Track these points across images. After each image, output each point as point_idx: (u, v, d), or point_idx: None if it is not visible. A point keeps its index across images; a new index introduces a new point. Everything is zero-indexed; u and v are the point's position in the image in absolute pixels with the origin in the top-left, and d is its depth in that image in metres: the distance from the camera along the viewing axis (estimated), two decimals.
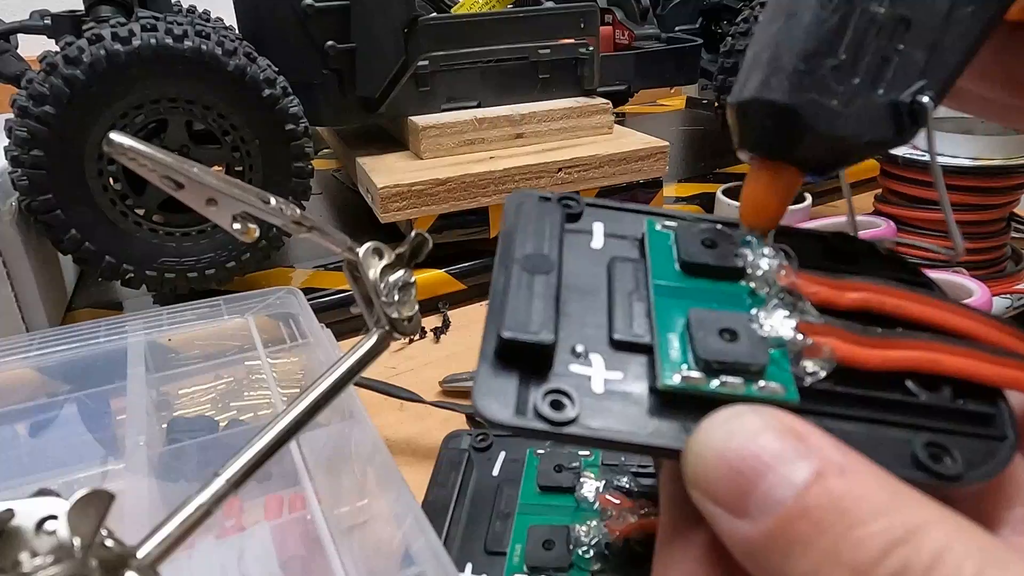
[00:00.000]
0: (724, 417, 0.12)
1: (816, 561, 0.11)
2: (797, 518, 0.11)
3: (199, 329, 0.35)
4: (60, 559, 0.12)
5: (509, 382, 0.14)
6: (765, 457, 0.12)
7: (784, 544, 0.11)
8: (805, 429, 0.12)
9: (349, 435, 0.26)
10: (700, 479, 0.12)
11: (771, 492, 0.11)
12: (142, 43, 0.40)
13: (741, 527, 0.12)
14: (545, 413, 0.13)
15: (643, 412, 0.13)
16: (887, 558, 0.10)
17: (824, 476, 0.11)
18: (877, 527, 0.10)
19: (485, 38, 0.55)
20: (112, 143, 0.14)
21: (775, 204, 0.16)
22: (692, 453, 0.12)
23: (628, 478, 0.26)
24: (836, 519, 0.11)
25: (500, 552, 0.25)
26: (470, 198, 0.52)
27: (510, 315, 0.14)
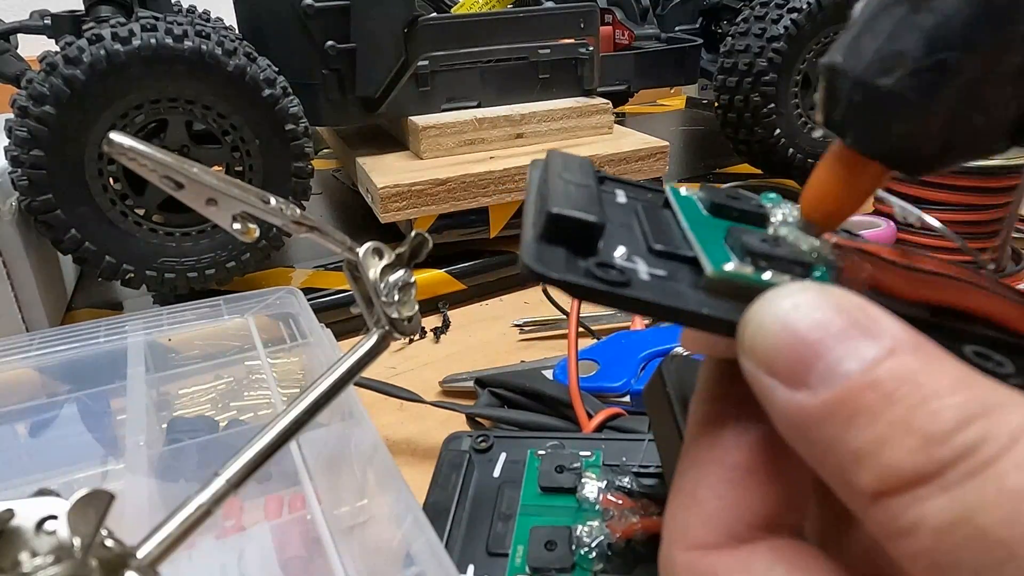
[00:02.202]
0: (791, 289, 0.12)
1: (882, 431, 0.10)
2: (865, 389, 0.10)
3: (199, 329, 0.35)
4: (60, 559, 0.12)
5: (557, 254, 0.13)
6: (833, 329, 0.11)
7: (847, 414, 0.10)
8: (875, 309, 0.11)
9: (349, 435, 0.26)
10: (758, 347, 0.12)
11: (837, 363, 0.11)
12: (142, 43, 0.40)
13: (799, 398, 0.11)
14: (600, 275, 0.12)
15: (694, 295, 0.13)
16: (966, 428, 0.10)
17: (896, 352, 0.11)
18: (955, 400, 0.10)
19: (485, 38, 0.55)
20: (112, 143, 0.14)
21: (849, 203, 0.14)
22: (753, 322, 0.12)
23: (630, 478, 0.26)
24: (910, 391, 0.10)
25: (502, 553, 0.25)
26: (470, 198, 0.52)
27: (557, 196, 0.14)
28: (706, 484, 0.13)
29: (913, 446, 0.10)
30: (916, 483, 0.10)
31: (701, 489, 0.13)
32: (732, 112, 0.64)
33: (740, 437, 0.13)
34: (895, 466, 0.10)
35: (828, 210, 0.14)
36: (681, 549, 0.13)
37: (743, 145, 0.66)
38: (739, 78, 0.61)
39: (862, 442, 0.10)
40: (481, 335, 0.48)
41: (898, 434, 0.10)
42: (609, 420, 0.32)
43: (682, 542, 0.13)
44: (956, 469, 0.10)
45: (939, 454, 0.10)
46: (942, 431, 0.10)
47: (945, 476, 0.10)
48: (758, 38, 0.60)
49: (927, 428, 0.10)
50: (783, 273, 0.13)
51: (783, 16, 0.59)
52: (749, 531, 0.12)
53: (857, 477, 0.10)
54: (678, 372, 0.20)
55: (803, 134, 0.63)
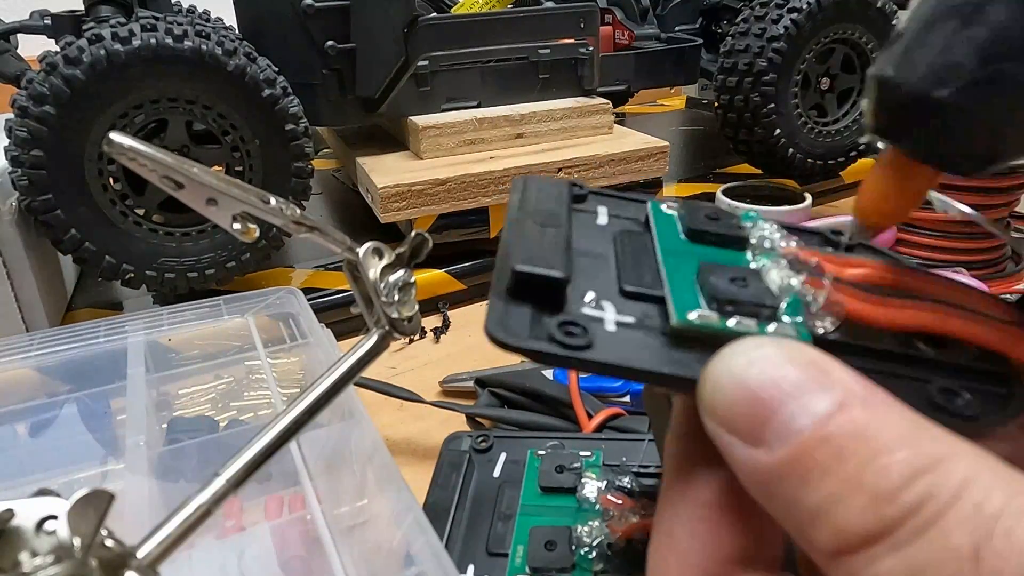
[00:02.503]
0: (744, 346, 0.12)
1: (835, 488, 0.10)
2: (817, 446, 0.11)
3: (199, 329, 0.35)
4: (60, 559, 0.12)
5: (522, 314, 0.13)
6: (785, 386, 0.11)
7: (801, 472, 0.11)
8: (827, 361, 0.12)
9: (349, 435, 0.26)
10: (716, 406, 0.12)
11: (790, 421, 0.11)
12: (142, 43, 0.40)
13: (757, 456, 0.11)
14: (560, 339, 0.13)
15: (657, 348, 0.13)
16: (912, 484, 0.10)
17: (847, 406, 0.11)
18: (902, 455, 0.10)
19: (485, 38, 0.55)
20: (112, 143, 0.14)
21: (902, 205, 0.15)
22: (709, 380, 0.12)
23: (630, 478, 0.26)
24: (858, 447, 0.10)
25: (502, 553, 0.25)
26: (470, 198, 0.52)
27: (523, 251, 0.14)
28: (679, 523, 0.13)
29: (863, 505, 0.10)
30: (868, 542, 0.10)
31: (676, 528, 0.13)
32: (732, 112, 0.64)
33: (711, 475, 0.13)
34: (848, 526, 0.10)
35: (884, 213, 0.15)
36: None
37: (743, 145, 0.66)
38: (739, 78, 0.61)
39: (817, 500, 0.10)
40: (481, 335, 0.48)
41: (849, 492, 0.10)
42: (609, 420, 0.32)
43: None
44: (904, 527, 0.10)
45: (888, 512, 0.10)
46: (890, 489, 0.10)
47: (895, 535, 0.10)
48: (758, 38, 0.60)
49: (876, 485, 0.10)
50: (749, 317, 0.13)
51: (783, 16, 0.59)
52: (724, 568, 0.13)
53: (815, 535, 0.11)
54: None
55: (803, 134, 0.63)
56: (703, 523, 0.13)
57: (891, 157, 0.14)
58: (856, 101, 0.66)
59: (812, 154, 0.64)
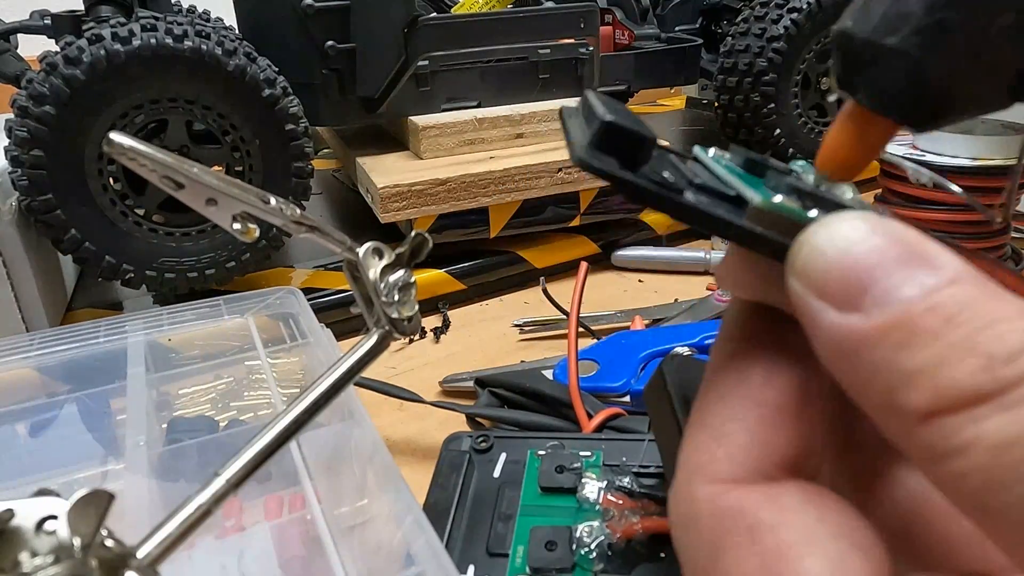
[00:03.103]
0: (850, 215, 0.12)
1: (941, 351, 0.10)
2: (925, 312, 0.10)
3: (199, 329, 0.35)
4: (60, 559, 0.12)
5: (608, 161, 0.13)
6: (892, 255, 0.11)
7: (903, 337, 0.10)
8: (935, 245, 0.11)
9: (349, 435, 0.26)
10: (810, 269, 0.11)
11: (895, 288, 0.11)
12: (142, 43, 0.40)
13: (849, 320, 0.11)
14: (657, 180, 0.12)
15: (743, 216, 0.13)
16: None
17: (958, 282, 0.10)
18: (1021, 323, 0.10)
19: (485, 38, 0.55)
20: (112, 143, 0.14)
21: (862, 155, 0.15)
22: (808, 243, 0.12)
23: (630, 479, 0.26)
24: (972, 315, 0.10)
25: (502, 554, 0.25)
26: (470, 198, 0.52)
27: (609, 109, 0.13)
28: (735, 418, 0.13)
29: (976, 366, 0.10)
30: (975, 402, 0.10)
31: (729, 423, 0.13)
32: (732, 112, 0.64)
33: (771, 376, 0.13)
34: (954, 385, 0.10)
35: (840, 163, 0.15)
36: (703, 482, 0.12)
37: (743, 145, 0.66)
38: (739, 78, 0.61)
39: (917, 363, 0.10)
40: (481, 335, 0.48)
41: (959, 354, 0.10)
42: (609, 420, 0.32)
43: (704, 475, 0.12)
44: (1018, 389, 0.10)
45: (1003, 374, 0.10)
46: (1007, 353, 0.10)
47: (1007, 395, 0.10)
48: (758, 38, 0.60)
49: (991, 349, 0.10)
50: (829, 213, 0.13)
51: (783, 16, 0.59)
52: (777, 471, 0.12)
53: (908, 398, 0.10)
54: (679, 371, 0.20)
55: (803, 134, 0.63)
56: (761, 422, 0.12)
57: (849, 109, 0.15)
58: None
59: (812, 154, 0.64)
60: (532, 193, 0.54)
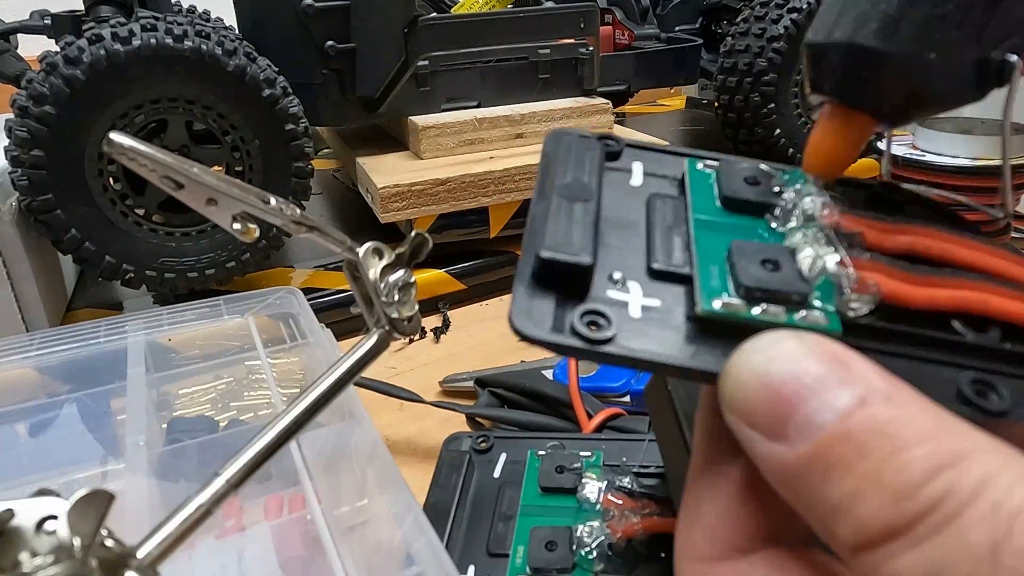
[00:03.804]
0: (766, 341, 0.12)
1: (855, 485, 0.10)
2: (838, 442, 0.11)
3: (199, 329, 0.35)
4: (60, 559, 0.12)
5: (546, 303, 0.13)
6: (807, 381, 0.11)
7: (823, 468, 0.11)
8: (849, 356, 0.12)
9: (349, 435, 0.26)
10: (738, 402, 0.12)
11: (812, 416, 0.11)
12: (142, 43, 0.40)
13: (778, 451, 0.11)
14: (582, 331, 0.13)
15: (681, 338, 0.13)
16: (932, 481, 0.10)
17: (868, 402, 0.11)
18: (923, 451, 0.10)
19: (485, 38, 0.55)
20: (112, 143, 0.14)
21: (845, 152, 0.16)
22: (731, 376, 0.12)
23: (630, 479, 0.26)
24: (880, 443, 0.10)
25: (503, 554, 0.25)
26: (470, 198, 0.52)
27: (549, 236, 0.14)
28: (707, 499, 0.13)
29: (884, 501, 0.10)
30: (888, 538, 0.10)
31: (703, 504, 0.13)
32: (732, 112, 0.64)
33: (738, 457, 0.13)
34: (868, 521, 0.10)
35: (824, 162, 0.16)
36: (686, 561, 0.13)
37: (743, 145, 0.66)
38: (739, 78, 0.61)
39: (838, 496, 0.10)
40: (481, 335, 0.48)
41: (870, 488, 0.10)
42: (609, 420, 0.32)
43: (686, 555, 0.13)
44: (924, 523, 0.10)
45: (908, 508, 0.10)
46: (910, 484, 0.10)
47: (914, 531, 0.10)
48: (758, 38, 0.60)
49: (896, 481, 0.10)
50: (778, 304, 0.13)
51: (783, 16, 0.59)
52: (750, 543, 0.13)
53: (836, 530, 0.11)
54: None
55: (803, 134, 0.63)
56: (730, 501, 0.13)
57: (827, 110, 0.16)
58: None
59: None
60: (532, 193, 0.54)
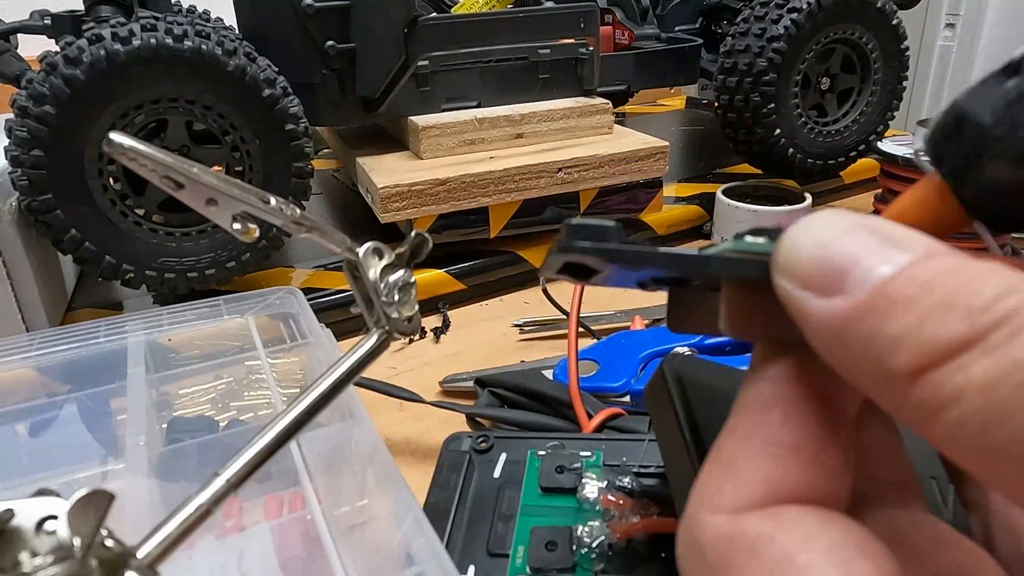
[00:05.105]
0: (825, 214, 0.12)
1: (922, 313, 0.10)
2: (902, 283, 0.11)
3: (199, 329, 0.35)
4: (60, 559, 0.12)
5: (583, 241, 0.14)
6: (866, 241, 0.11)
7: (884, 308, 0.11)
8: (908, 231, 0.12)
9: (349, 435, 0.26)
10: (792, 264, 0.12)
11: (872, 269, 0.11)
12: (142, 43, 0.40)
13: (833, 303, 0.11)
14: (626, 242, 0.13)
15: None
16: (1005, 298, 0.10)
17: (932, 255, 0.11)
18: (994, 278, 0.10)
19: (485, 38, 0.55)
20: (112, 143, 0.14)
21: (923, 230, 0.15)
22: (787, 240, 0.12)
23: (630, 478, 0.26)
24: (948, 279, 0.11)
25: (503, 554, 0.25)
26: (470, 198, 0.52)
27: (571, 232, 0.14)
28: (745, 455, 0.13)
29: (955, 318, 0.10)
30: (958, 351, 0.10)
31: (739, 459, 0.13)
32: (732, 112, 0.64)
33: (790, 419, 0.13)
34: (936, 340, 0.10)
35: None
36: (709, 512, 0.13)
37: (743, 145, 0.66)
38: (739, 78, 0.61)
39: (900, 327, 0.11)
40: (481, 335, 0.48)
41: (939, 313, 0.10)
42: (609, 420, 0.32)
43: (711, 506, 0.13)
44: (998, 332, 0.10)
45: (981, 321, 0.10)
46: (982, 303, 0.10)
47: (988, 339, 0.10)
48: (758, 38, 0.60)
49: (968, 302, 0.10)
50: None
51: (783, 16, 0.59)
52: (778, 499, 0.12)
53: (895, 362, 0.11)
54: (680, 370, 0.20)
55: (803, 134, 0.63)
56: (771, 459, 0.13)
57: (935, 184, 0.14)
58: (856, 101, 0.66)
59: (812, 154, 0.64)
60: (532, 193, 0.54)
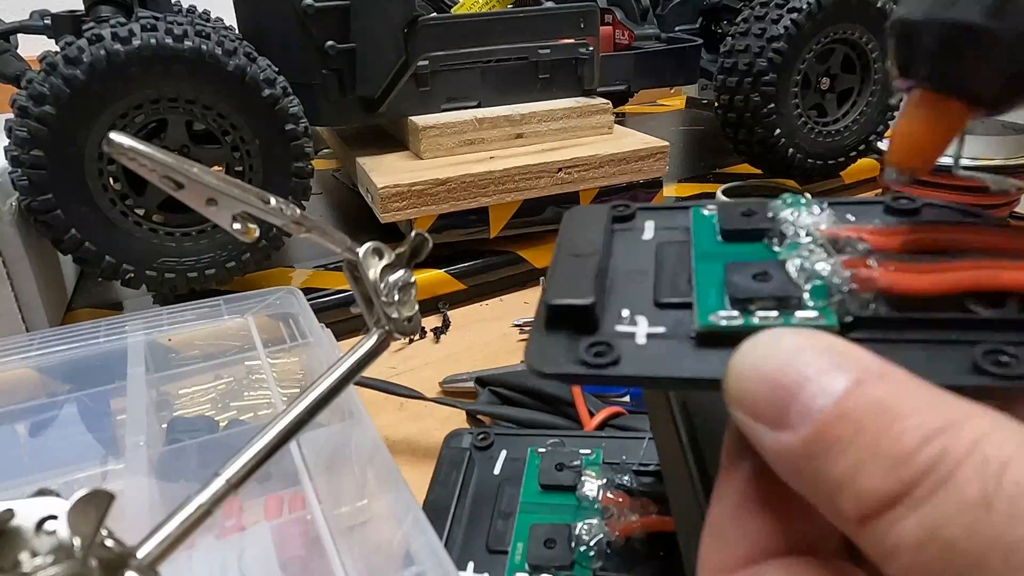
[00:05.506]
0: (763, 337, 0.13)
1: (855, 459, 0.11)
2: (836, 422, 0.11)
3: (199, 329, 0.35)
4: (60, 559, 0.12)
5: (558, 342, 0.15)
6: (803, 369, 0.12)
7: (824, 447, 0.11)
8: (844, 345, 0.12)
9: (349, 435, 0.26)
10: (741, 397, 0.12)
11: (810, 402, 0.11)
12: (142, 43, 0.40)
13: (782, 439, 0.12)
14: (588, 360, 0.14)
15: (684, 355, 0.14)
16: (926, 447, 0.10)
17: (863, 383, 0.11)
18: (916, 421, 0.11)
19: (485, 38, 0.55)
20: (112, 143, 0.14)
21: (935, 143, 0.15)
22: (732, 373, 0.13)
23: (629, 476, 0.26)
24: (875, 418, 0.11)
25: (502, 551, 0.25)
26: (470, 198, 0.52)
27: (556, 287, 0.15)
28: (725, 516, 0.14)
29: (882, 470, 0.10)
30: (889, 505, 0.10)
31: (721, 520, 0.14)
32: (732, 112, 0.64)
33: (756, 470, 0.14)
34: (868, 491, 0.11)
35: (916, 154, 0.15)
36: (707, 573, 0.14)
37: (743, 145, 0.66)
38: (739, 78, 0.61)
39: (840, 472, 0.11)
40: (481, 335, 0.48)
41: (868, 460, 0.11)
42: (611, 419, 0.32)
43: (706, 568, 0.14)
44: (921, 487, 0.10)
45: (904, 474, 0.10)
46: (905, 452, 0.10)
47: (912, 495, 0.10)
48: (758, 38, 0.60)
49: (893, 451, 0.10)
50: (771, 311, 0.14)
51: (783, 16, 0.59)
52: (764, 556, 0.13)
53: (841, 505, 0.11)
54: None
55: (803, 134, 0.63)
56: (748, 514, 0.13)
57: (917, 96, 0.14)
58: (856, 101, 0.66)
59: (812, 154, 0.64)
60: (532, 193, 0.54)
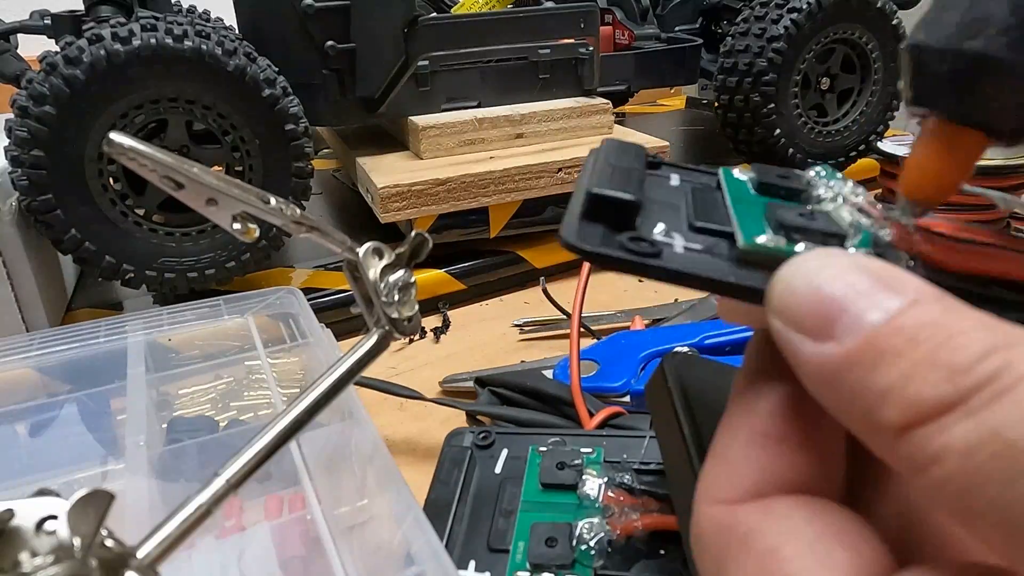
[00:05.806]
0: (817, 253, 0.12)
1: (907, 368, 0.11)
2: (890, 334, 0.11)
3: (199, 329, 0.35)
4: (60, 559, 0.12)
5: (595, 229, 0.14)
6: (858, 286, 0.12)
7: (872, 358, 0.11)
8: (898, 271, 0.12)
9: (349, 435, 0.26)
10: (785, 305, 0.12)
11: (862, 315, 0.11)
12: (142, 43, 0.40)
13: (824, 348, 0.12)
14: (631, 247, 0.13)
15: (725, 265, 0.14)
16: (987, 359, 0.10)
17: (919, 303, 0.11)
18: (978, 335, 0.10)
19: (485, 38, 0.55)
20: (112, 143, 0.14)
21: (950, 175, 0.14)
22: (780, 281, 0.13)
23: (631, 475, 0.26)
24: (933, 333, 0.11)
25: (503, 549, 0.25)
26: (470, 198, 0.52)
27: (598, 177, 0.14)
28: (736, 447, 0.13)
29: (938, 378, 0.10)
30: (941, 411, 0.10)
31: (731, 451, 0.13)
32: (732, 112, 0.64)
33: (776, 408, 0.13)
34: (920, 398, 0.10)
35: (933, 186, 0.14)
36: (707, 504, 0.13)
37: (743, 145, 0.66)
38: (739, 78, 0.61)
39: (888, 381, 0.11)
40: (481, 335, 0.48)
41: (923, 369, 0.11)
42: (611, 418, 0.32)
43: (708, 498, 0.13)
44: (980, 395, 0.10)
45: (963, 382, 0.10)
46: (965, 362, 0.10)
47: (969, 402, 0.10)
48: (758, 38, 0.60)
49: (951, 361, 0.10)
50: (817, 245, 0.13)
51: (783, 16, 0.59)
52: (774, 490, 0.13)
53: (883, 415, 0.11)
54: (679, 369, 0.20)
55: (803, 134, 0.63)
56: (760, 449, 0.13)
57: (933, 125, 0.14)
58: (856, 101, 0.66)
59: (812, 154, 0.64)
60: (532, 193, 0.54)
